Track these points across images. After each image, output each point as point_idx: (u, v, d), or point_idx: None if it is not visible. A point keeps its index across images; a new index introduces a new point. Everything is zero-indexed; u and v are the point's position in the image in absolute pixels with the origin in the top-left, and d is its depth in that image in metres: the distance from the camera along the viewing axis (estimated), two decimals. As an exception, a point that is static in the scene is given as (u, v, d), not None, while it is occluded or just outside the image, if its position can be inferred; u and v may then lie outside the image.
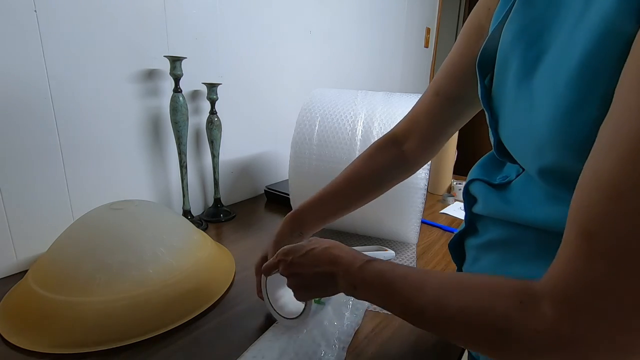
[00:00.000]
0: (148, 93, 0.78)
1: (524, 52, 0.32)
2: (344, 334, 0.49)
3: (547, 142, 0.28)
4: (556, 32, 0.29)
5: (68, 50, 0.64)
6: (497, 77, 0.37)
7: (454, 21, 3.01)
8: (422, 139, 0.51)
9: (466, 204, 0.43)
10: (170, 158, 0.85)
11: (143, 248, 0.54)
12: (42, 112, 0.63)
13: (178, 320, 0.51)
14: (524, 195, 0.34)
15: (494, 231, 0.38)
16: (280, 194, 1.02)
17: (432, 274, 0.34)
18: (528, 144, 0.31)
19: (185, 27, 0.82)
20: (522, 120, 0.32)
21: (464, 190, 0.44)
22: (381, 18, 1.63)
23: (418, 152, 0.52)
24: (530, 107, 0.30)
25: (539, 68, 0.30)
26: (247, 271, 0.66)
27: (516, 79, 0.33)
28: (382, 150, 0.53)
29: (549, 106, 0.28)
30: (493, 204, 0.37)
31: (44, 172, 0.64)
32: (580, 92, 0.25)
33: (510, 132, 0.34)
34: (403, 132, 0.53)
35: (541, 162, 0.29)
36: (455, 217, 0.98)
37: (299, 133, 0.76)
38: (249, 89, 1.03)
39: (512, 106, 0.34)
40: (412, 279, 0.33)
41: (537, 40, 0.31)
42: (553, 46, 0.29)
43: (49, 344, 0.46)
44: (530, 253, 0.33)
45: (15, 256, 0.63)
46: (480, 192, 0.40)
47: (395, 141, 0.53)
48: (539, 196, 0.32)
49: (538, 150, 0.29)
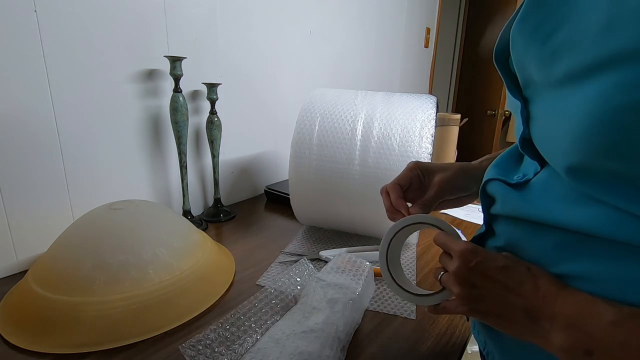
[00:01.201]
0: (148, 93, 0.78)
1: (539, 49, 0.31)
2: (344, 333, 0.49)
3: (580, 141, 0.27)
4: (575, 30, 0.29)
5: (68, 50, 0.64)
6: (520, 73, 0.36)
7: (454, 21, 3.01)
8: None
9: (484, 205, 0.41)
10: (170, 158, 0.85)
11: (143, 248, 0.54)
12: (42, 112, 0.63)
13: (178, 320, 0.51)
14: (545, 194, 0.33)
15: (511, 232, 0.37)
16: (280, 194, 1.02)
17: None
18: (557, 141, 0.30)
19: (185, 27, 0.82)
20: (554, 116, 0.31)
21: (480, 191, 0.42)
22: (381, 18, 1.63)
23: None
24: (563, 103, 0.30)
25: (561, 65, 0.29)
26: (247, 271, 0.66)
27: (539, 76, 0.32)
28: None
29: (587, 104, 0.27)
30: (512, 203, 0.36)
31: (44, 172, 0.64)
32: (626, 93, 0.25)
33: (542, 126, 0.33)
34: None
35: (571, 160, 0.28)
36: (456, 217, 0.98)
37: (299, 133, 0.76)
38: (249, 89, 1.03)
39: (542, 101, 0.33)
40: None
41: (551, 36, 0.31)
42: (577, 44, 0.28)
43: (49, 344, 0.46)
44: (553, 256, 0.32)
45: (15, 256, 0.63)
46: (498, 192, 0.38)
47: None
48: (563, 195, 0.31)
49: (569, 148, 0.28)
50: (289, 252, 0.74)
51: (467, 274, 0.34)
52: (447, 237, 0.38)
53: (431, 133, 0.70)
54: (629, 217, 0.27)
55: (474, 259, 0.33)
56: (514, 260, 0.33)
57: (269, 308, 0.55)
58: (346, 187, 0.73)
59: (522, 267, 0.32)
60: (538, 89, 0.34)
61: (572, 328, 0.27)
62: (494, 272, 0.32)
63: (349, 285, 0.54)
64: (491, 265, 0.33)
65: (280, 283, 0.61)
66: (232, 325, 0.51)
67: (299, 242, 0.79)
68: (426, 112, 0.72)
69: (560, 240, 0.31)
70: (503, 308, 0.32)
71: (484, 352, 0.44)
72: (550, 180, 0.33)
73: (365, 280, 0.57)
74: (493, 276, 0.32)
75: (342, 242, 0.79)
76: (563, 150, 0.29)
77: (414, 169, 0.49)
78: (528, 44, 0.33)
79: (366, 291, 0.57)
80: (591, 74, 0.27)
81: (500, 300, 0.32)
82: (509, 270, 0.32)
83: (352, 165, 0.72)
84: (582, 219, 0.29)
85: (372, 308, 0.57)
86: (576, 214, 0.30)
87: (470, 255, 0.34)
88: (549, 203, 0.32)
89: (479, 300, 0.33)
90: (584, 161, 0.28)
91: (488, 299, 0.33)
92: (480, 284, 0.33)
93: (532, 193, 0.35)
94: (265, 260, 0.70)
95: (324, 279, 0.56)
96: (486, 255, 0.34)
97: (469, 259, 0.34)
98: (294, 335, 0.47)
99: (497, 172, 0.40)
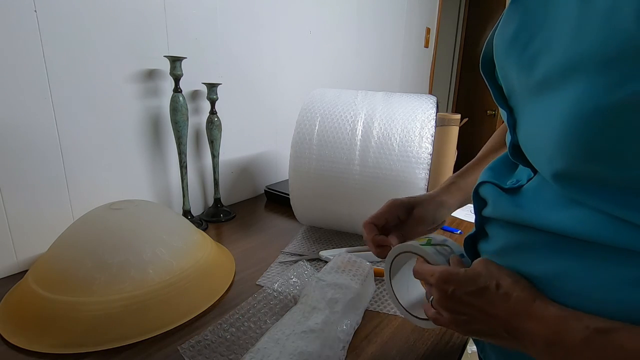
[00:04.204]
0: (148, 93, 0.78)
1: (519, 56, 0.32)
2: (344, 333, 0.49)
3: (561, 146, 0.28)
4: (551, 34, 0.29)
5: (68, 50, 0.64)
6: (503, 80, 0.37)
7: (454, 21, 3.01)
8: None
9: (476, 206, 0.42)
10: (170, 158, 0.85)
11: (143, 248, 0.54)
12: (42, 112, 0.63)
13: (178, 320, 0.51)
14: (536, 200, 0.34)
15: (505, 236, 0.37)
16: (280, 194, 1.02)
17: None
18: (541, 147, 0.31)
19: (185, 27, 0.82)
20: (536, 122, 0.31)
21: (473, 193, 0.42)
22: (381, 18, 1.63)
23: None
24: (543, 109, 0.30)
25: (539, 70, 0.30)
26: (247, 271, 0.66)
27: (520, 82, 0.33)
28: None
29: (563, 109, 0.27)
30: (503, 207, 0.37)
31: (44, 172, 0.64)
32: (599, 96, 0.25)
33: (526, 134, 0.34)
34: None
35: (555, 166, 0.29)
36: (456, 217, 0.98)
37: (299, 133, 0.76)
38: (249, 89, 1.03)
39: (524, 107, 0.34)
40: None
41: (529, 42, 0.31)
42: (553, 47, 0.29)
43: (49, 344, 0.46)
44: (540, 258, 0.33)
45: (15, 256, 0.63)
46: (490, 195, 0.39)
47: None
48: (553, 200, 0.32)
49: (552, 154, 0.29)
50: (289, 252, 0.74)
51: (447, 303, 0.34)
52: (423, 267, 0.38)
53: (431, 133, 0.70)
54: (614, 220, 0.27)
55: (449, 288, 0.34)
56: (485, 278, 0.33)
57: (268, 309, 0.55)
58: (346, 187, 0.73)
59: (492, 285, 0.32)
60: (521, 97, 0.34)
61: (549, 344, 0.28)
62: (468, 298, 0.33)
63: (349, 285, 0.54)
64: (464, 292, 0.33)
65: (280, 283, 0.61)
66: (231, 326, 0.51)
67: (299, 242, 0.79)
68: (426, 112, 0.72)
69: (547, 243, 0.32)
70: (488, 328, 0.32)
71: (481, 355, 0.45)
72: (541, 186, 0.34)
73: (365, 280, 0.57)
74: (468, 302, 0.33)
75: (342, 242, 0.79)
76: (548, 156, 0.30)
77: (392, 210, 0.50)
78: (509, 51, 0.34)
79: (366, 291, 0.57)
80: (565, 79, 0.27)
81: (482, 322, 0.32)
82: (481, 294, 0.32)
83: (352, 165, 0.72)
84: (569, 223, 0.29)
85: (372, 308, 0.57)
86: (562, 217, 0.30)
87: (444, 285, 0.34)
88: (538, 207, 0.33)
89: (468, 323, 0.34)
90: (568, 166, 0.28)
91: (474, 321, 0.33)
92: (461, 310, 0.33)
93: (523, 198, 0.35)
94: (265, 260, 0.70)
95: (323, 279, 0.56)
96: (458, 280, 0.34)
97: (444, 289, 0.34)
98: (294, 335, 0.47)
99: (491, 176, 0.41)
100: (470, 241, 0.44)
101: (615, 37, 0.24)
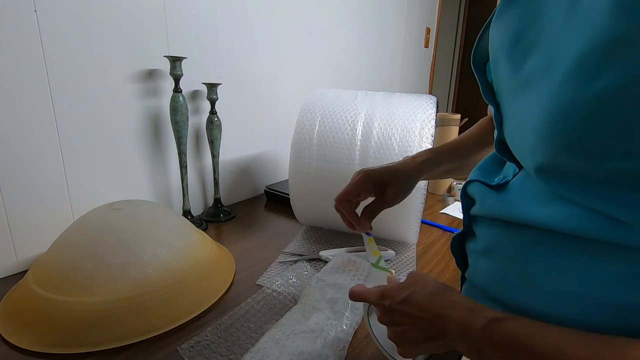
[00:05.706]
0: (148, 93, 0.78)
1: (511, 50, 0.32)
2: (344, 333, 0.49)
3: (542, 140, 0.28)
4: (542, 30, 0.30)
5: (68, 51, 0.64)
6: (494, 75, 0.37)
7: (454, 21, 3.01)
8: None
9: (464, 206, 0.43)
10: (170, 158, 0.85)
11: (143, 248, 0.54)
12: (42, 112, 0.62)
13: (178, 320, 0.51)
14: (521, 195, 0.34)
15: (491, 235, 0.37)
16: (280, 194, 1.02)
17: (580, 336, 0.26)
18: (525, 141, 0.31)
19: (185, 27, 0.82)
20: (520, 117, 0.32)
21: (461, 193, 0.43)
22: (381, 18, 1.63)
23: None
24: (526, 104, 0.30)
25: (528, 65, 0.30)
26: (247, 271, 0.66)
27: (507, 76, 0.33)
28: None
29: (543, 103, 0.28)
30: (490, 203, 0.37)
31: (44, 172, 0.64)
32: (574, 89, 0.25)
33: (511, 129, 0.34)
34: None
35: (537, 160, 0.29)
36: (455, 217, 0.98)
37: (299, 133, 0.76)
38: (249, 89, 1.03)
39: (510, 103, 0.34)
40: (554, 343, 0.27)
41: (521, 37, 0.32)
42: (542, 43, 0.29)
43: (49, 344, 0.46)
44: (526, 255, 0.33)
45: (15, 256, 0.63)
46: (478, 193, 0.40)
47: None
48: (537, 195, 0.32)
49: (534, 148, 0.29)
50: (288, 252, 0.74)
51: (387, 318, 0.37)
52: (361, 291, 0.41)
53: (431, 133, 0.70)
54: (596, 215, 0.27)
55: (386, 302, 0.36)
56: (414, 285, 0.36)
57: (268, 309, 0.55)
58: (346, 187, 0.73)
59: (419, 289, 0.35)
60: (508, 92, 0.35)
61: (462, 335, 0.31)
62: (401, 307, 0.35)
63: (348, 285, 0.54)
64: (397, 302, 0.36)
65: (280, 283, 0.61)
66: (231, 326, 0.51)
67: (298, 242, 0.79)
68: (426, 112, 0.72)
69: (535, 239, 0.32)
70: (423, 332, 0.34)
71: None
72: (526, 181, 0.34)
73: (365, 280, 0.57)
74: (402, 311, 0.35)
75: (342, 242, 0.79)
76: (530, 150, 0.30)
77: (363, 186, 0.52)
78: (503, 43, 0.34)
79: (366, 291, 0.57)
80: (546, 73, 0.28)
81: (418, 326, 0.34)
82: (410, 300, 0.35)
83: (352, 166, 0.72)
84: (552, 217, 0.30)
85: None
86: (546, 212, 0.30)
87: (381, 301, 0.37)
88: (523, 202, 0.33)
89: (406, 332, 0.35)
90: (550, 159, 0.28)
91: (411, 329, 0.35)
92: (398, 320, 0.36)
93: (509, 194, 0.36)
94: (265, 260, 0.70)
95: (323, 279, 0.56)
96: (391, 294, 0.37)
97: (382, 305, 0.37)
98: (294, 335, 0.47)
99: (479, 174, 0.41)
100: (457, 241, 0.44)
101: (591, 31, 0.24)
